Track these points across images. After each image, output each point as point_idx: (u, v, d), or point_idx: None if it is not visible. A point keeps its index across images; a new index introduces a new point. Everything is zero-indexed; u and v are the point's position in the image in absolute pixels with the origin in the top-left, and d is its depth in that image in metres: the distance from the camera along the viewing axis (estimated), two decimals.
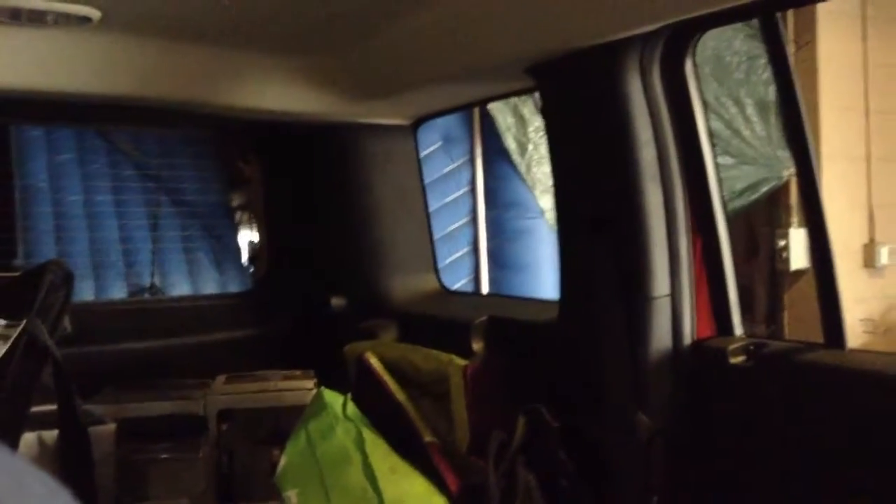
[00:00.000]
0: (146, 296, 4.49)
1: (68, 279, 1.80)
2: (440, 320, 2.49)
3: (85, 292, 4.25)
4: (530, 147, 4.33)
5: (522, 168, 4.31)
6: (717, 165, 1.80)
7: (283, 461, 1.64)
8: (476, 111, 4.31)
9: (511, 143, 4.30)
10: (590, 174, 1.86)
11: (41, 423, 1.74)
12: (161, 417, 2.12)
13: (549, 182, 4.38)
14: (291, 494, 1.57)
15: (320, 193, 2.79)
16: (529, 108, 4.33)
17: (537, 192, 4.34)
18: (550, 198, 4.32)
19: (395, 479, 1.58)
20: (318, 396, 1.76)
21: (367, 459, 1.58)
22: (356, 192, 2.70)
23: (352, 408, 1.73)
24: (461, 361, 1.86)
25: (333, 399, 1.74)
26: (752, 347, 1.68)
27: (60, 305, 1.78)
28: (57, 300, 1.78)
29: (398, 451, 1.70)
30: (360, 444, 1.61)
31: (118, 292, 4.51)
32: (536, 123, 4.33)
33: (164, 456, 2.05)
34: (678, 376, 1.73)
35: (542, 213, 4.37)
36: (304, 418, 1.72)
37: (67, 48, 1.90)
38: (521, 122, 4.34)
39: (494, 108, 4.28)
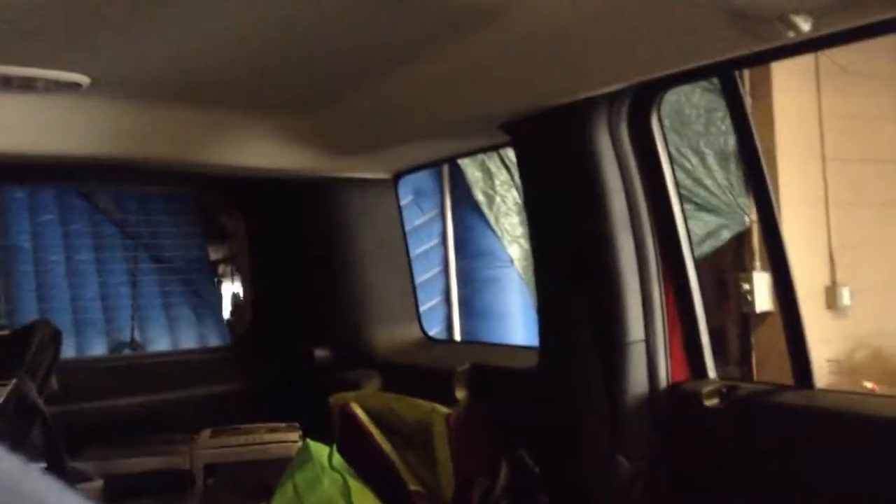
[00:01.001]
0: (127, 351, 4.49)
1: (56, 338, 1.83)
2: (423, 369, 2.53)
3: (67, 349, 4.24)
4: (498, 199, 4.46)
5: (491, 219, 4.44)
6: (684, 214, 1.88)
7: None
8: (445, 165, 4.44)
9: (480, 196, 4.43)
10: (564, 225, 1.93)
11: None
12: (147, 473, 2.13)
13: (516, 232, 4.52)
14: None
15: (303, 247, 2.84)
16: (495, 163, 4.49)
17: (506, 242, 4.47)
18: (518, 247, 4.45)
19: None
20: (304, 448, 1.79)
21: None
22: (339, 245, 2.75)
23: (337, 458, 1.76)
24: (444, 410, 1.90)
25: (319, 450, 1.76)
26: (725, 390, 1.74)
27: (49, 364, 1.81)
28: (45, 359, 1.80)
29: (384, 500, 1.73)
30: (346, 494, 1.64)
31: (99, 349, 4.51)
32: (503, 177, 4.49)
33: None
34: (655, 419, 1.78)
35: (510, 261, 4.49)
36: (290, 470, 1.74)
37: (56, 113, 1.95)
38: (489, 175, 4.49)
39: (464, 162, 4.42)
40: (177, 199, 4.97)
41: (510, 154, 4.50)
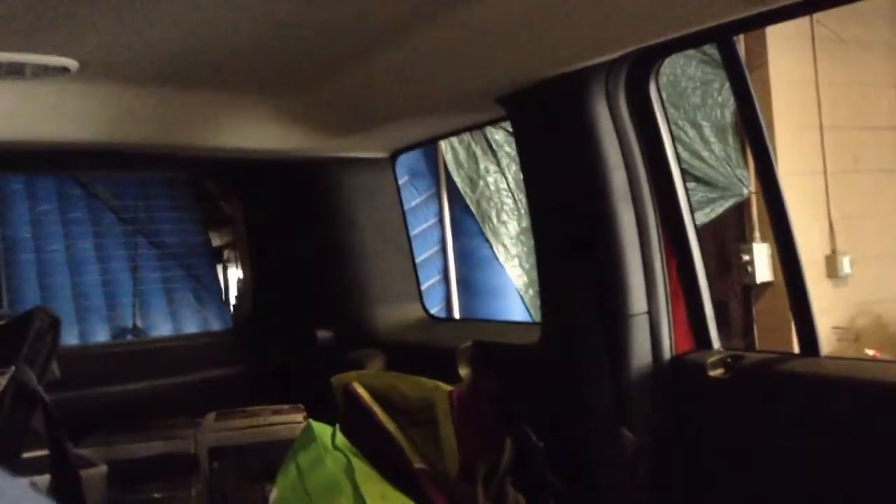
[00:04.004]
0: (129, 337, 4.50)
1: (55, 325, 1.81)
2: (426, 348, 2.52)
3: (69, 337, 4.27)
4: (482, 183, 4.45)
5: (473, 204, 4.43)
6: (685, 184, 1.86)
7: (273, 494, 1.65)
8: (440, 145, 4.42)
9: (459, 180, 4.42)
10: (563, 198, 1.91)
11: (33, 468, 1.75)
12: (152, 458, 2.12)
13: (501, 217, 4.48)
14: None
15: (302, 228, 2.82)
16: (482, 146, 4.47)
17: (487, 229, 4.45)
18: (499, 234, 4.43)
19: None
20: (307, 428, 1.78)
21: (358, 488, 1.59)
22: (338, 225, 2.74)
23: (340, 438, 1.75)
24: (447, 387, 1.89)
25: (322, 430, 1.76)
26: (729, 360, 1.73)
27: (48, 351, 1.80)
28: (44, 346, 1.79)
29: (388, 479, 1.72)
30: (349, 473, 1.63)
31: (101, 335, 4.52)
32: (486, 163, 4.48)
33: (157, 496, 2.06)
34: (659, 391, 1.77)
35: (491, 246, 4.49)
36: (293, 451, 1.73)
37: (46, 99, 1.93)
38: (474, 159, 4.47)
39: (443, 147, 4.41)
40: (175, 185, 4.96)
41: (496, 136, 4.48)
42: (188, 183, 4.80)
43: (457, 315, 4.48)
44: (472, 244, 4.51)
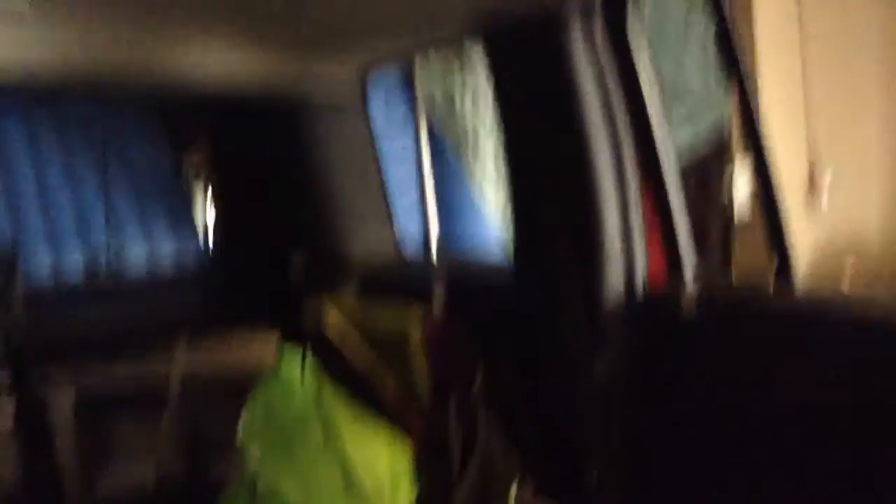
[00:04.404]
0: (102, 263, 4.43)
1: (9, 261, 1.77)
2: (400, 275, 2.50)
3: (42, 269, 4.20)
4: (457, 101, 4.34)
5: (447, 124, 4.32)
6: (664, 116, 1.81)
7: (244, 422, 1.64)
8: (415, 62, 4.26)
9: (432, 97, 4.29)
10: (537, 133, 1.85)
11: None
12: (123, 383, 2.10)
13: (475, 139, 4.37)
14: (254, 454, 1.58)
15: (270, 159, 2.75)
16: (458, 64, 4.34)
17: (462, 149, 4.35)
18: (478, 154, 4.34)
19: (356, 434, 1.60)
20: (277, 357, 1.76)
21: (328, 416, 1.59)
22: (307, 152, 2.67)
23: (311, 368, 1.74)
24: (420, 316, 1.87)
25: (292, 357, 1.74)
26: (704, 297, 1.70)
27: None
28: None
29: (360, 405, 1.71)
30: (319, 401, 1.62)
31: (75, 264, 4.45)
32: (461, 80, 4.35)
33: (127, 422, 2.05)
34: (632, 326, 1.75)
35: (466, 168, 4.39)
36: (262, 379, 1.72)
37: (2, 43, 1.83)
38: (448, 75, 4.34)
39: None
40: (146, 115, 4.82)
41: (471, 59, 4.34)
42: (160, 112, 4.66)
43: (434, 241, 4.42)
44: (449, 166, 4.42)
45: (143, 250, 4.63)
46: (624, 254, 1.78)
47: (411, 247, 2.94)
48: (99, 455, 1.99)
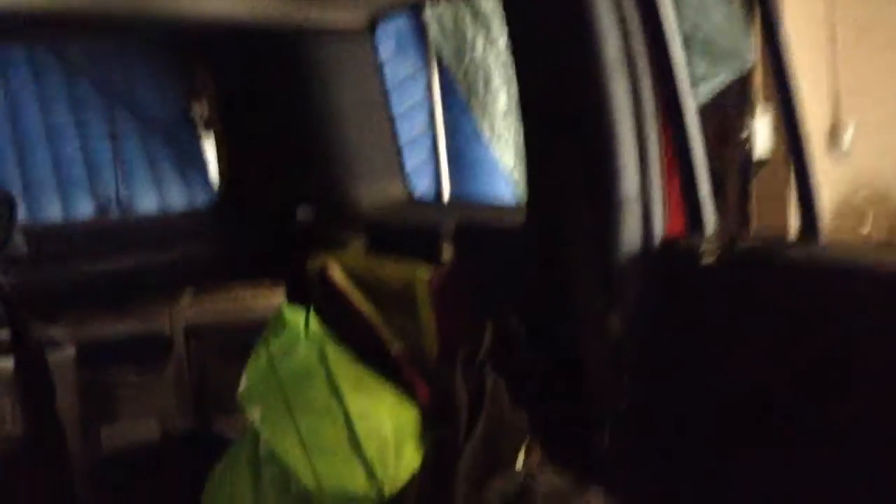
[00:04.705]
0: (113, 210, 4.39)
1: (7, 203, 1.71)
2: (409, 228, 2.43)
3: (51, 211, 4.17)
4: (468, 55, 4.18)
5: (459, 78, 4.18)
6: (685, 57, 1.71)
7: (245, 380, 1.60)
8: (427, 11, 4.13)
9: (445, 51, 4.15)
10: (553, 71, 1.77)
11: None
12: (125, 338, 2.07)
13: (487, 93, 4.24)
14: (255, 413, 1.54)
15: (276, 103, 2.67)
16: (471, 14, 4.18)
17: (473, 103, 4.22)
18: (490, 108, 4.21)
19: (360, 392, 1.55)
20: (279, 314, 1.71)
21: (331, 374, 1.54)
22: (314, 101, 2.58)
23: (314, 323, 1.68)
24: (426, 271, 1.81)
25: (295, 315, 1.68)
26: (724, 246, 1.64)
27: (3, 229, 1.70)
28: None
29: (365, 363, 1.67)
30: (323, 359, 1.57)
31: (85, 209, 4.41)
32: (475, 32, 4.19)
33: (130, 377, 2.02)
34: (649, 278, 1.69)
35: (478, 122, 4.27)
36: (263, 337, 1.67)
37: None
38: (461, 27, 4.19)
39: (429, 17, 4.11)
40: (152, 54, 4.72)
41: (484, 7, 4.19)
42: (165, 52, 4.56)
43: (447, 195, 4.34)
44: (464, 117, 4.31)
45: (152, 198, 4.59)
46: (641, 202, 1.70)
47: (420, 199, 2.87)
48: (101, 411, 1.97)
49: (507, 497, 1.39)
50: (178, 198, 4.56)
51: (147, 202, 4.54)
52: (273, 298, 2.28)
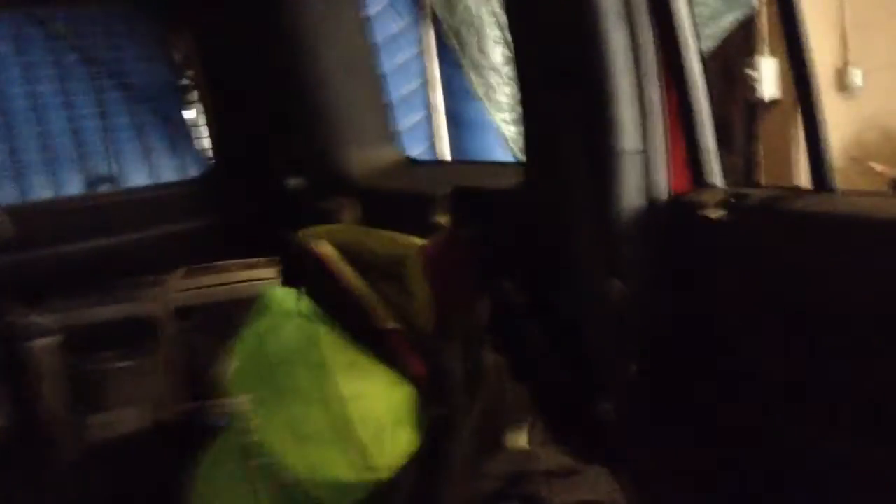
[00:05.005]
0: (103, 186, 4.31)
1: None
2: (404, 193, 2.34)
3: (40, 188, 4.09)
4: (461, 7, 4.01)
5: (452, 31, 4.02)
6: (690, 8, 1.60)
7: (230, 366, 1.52)
8: None
9: (437, 3, 3.99)
10: (548, 20, 1.67)
11: None
12: (113, 323, 2.00)
13: (480, 47, 4.08)
14: (243, 400, 1.47)
15: (263, 68, 2.56)
16: None
17: (466, 58, 4.06)
18: (483, 63, 4.06)
19: (353, 374, 1.48)
20: (267, 293, 1.63)
21: (322, 356, 1.47)
22: (300, 63, 2.47)
23: (304, 302, 1.60)
24: (419, 242, 1.72)
25: (284, 294, 1.61)
26: (732, 199, 1.55)
27: None
28: None
29: (358, 342, 1.59)
30: (313, 340, 1.49)
31: (75, 186, 4.33)
32: None
33: (118, 363, 1.95)
34: (653, 236, 1.60)
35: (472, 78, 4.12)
36: (252, 316, 1.59)
37: None
38: None
39: None
40: (139, 21, 4.59)
41: None
42: (148, 18, 4.42)
43: (447, 156, 4.21)
44: (456, 75, 4.16)
45: (143, 172, 4.50)
46: (643, 156, 1.61)
47: (415, 160, 2.77)
48: (89, 399, 1.91)
49: (507, 478, 1.32)
50: (169, 171, 4.47)
51: (138, 176, 4.46)
52: (267, 275, 2.20)
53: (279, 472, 1.40)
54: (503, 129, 4.05)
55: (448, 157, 4.21)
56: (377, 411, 1.44)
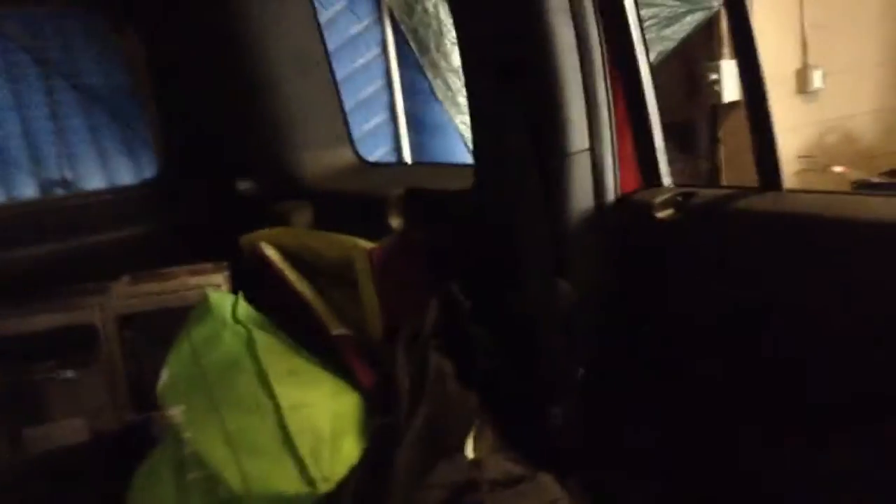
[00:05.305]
0: (58, 191, 4.21)
1: None
2: (358, 196, 2.30)
3: None
4: (419, 8, 3.97)
5: (410, 33, 3.98)
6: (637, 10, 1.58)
7: (164, 376, 1.47)
8: None
9: (395, 5, 3.95)
10: (493, 16, 1.63)
11: None
12: (51, 331, 1.92)
13: (438, 49, 4.04)
14: (176, 412, 1.42)
15: (212, 68, 2.49)
16: None
17: (425, 59, 4.03)
18: (442, 64, 4.02)
19: (293, 382, 1.43)
20: (203, 300, 1.57)
21: (261, 365, 1.42)
22: (249, 62, 2.42)
23: (243, 309, 1.55)
24: (366, 245, 1.67)
25: (220, 301, 1.55)
26: (680, 198, 1.53)
27: None
28: None
29: (303, 349, 1.54)
30: (250, 347, 1.44)
31: (28, 191, 4.22)
32: None
33: (56, 374, 1.88)
34: (602, 237, 1.58)
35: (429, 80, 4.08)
36: (186, 326, 1.53)
37: None
38: None
39: None
40: (91, 21, 4.48)
41: None
42: (101, 15, 4.32)
43: (408, 158, 4.16)
44: (419, 77, 4.12)
45: (98, 177, 4.40)
46: (591, 156, 1.59)
47: (369, 163, 2.72)
48: (25, 412, 1.84)
49: (452, 487, 1.28)
50: (125, 176, 4.37)
51: (92, 182, 4.35)
52: (216, 280, 2.14)
53: (216, 485, 1.35)
54: (463, 131, 4.02)
55: (410, 159, 4.17)
56: (318, 421, 1.39)
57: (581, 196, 1.58)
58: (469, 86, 1.78)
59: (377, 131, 4.09)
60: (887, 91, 5.30)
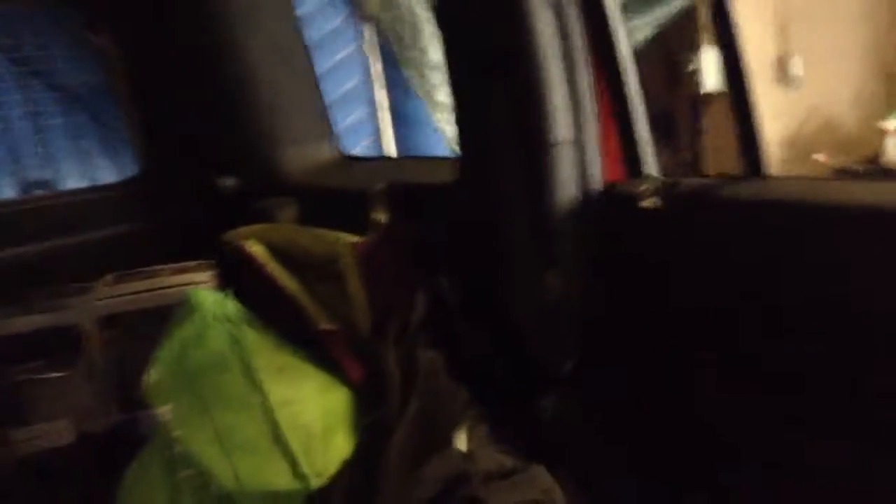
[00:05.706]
0: (38, 192, 4.16)
1: None
2: (340, 191, 2.29)
3: None
4: (394, 8, 3.95)
5: (387, 28, 3.95)
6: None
7: (151, 375, 1.46)
8: None
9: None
10: (475, 9, 1.63)
11: None
12: (34, 332, 1.90)
13: (417, 44, 4.01)
14: (164, 412, 1.41)
15: (189, 64, 2.47)
16: None
17: (403, 55, 4.00)
18: (420, 60, 4.00)
19: (283, 379, 1.42)
20: (189, 298, 1.56)
21: (248, 362, 1.41)
22: (227, 57, 2.40)
23: (230, 306, 1.54)
24: (351, 238, 1.67)
25: (206, 299, 1.54)
26: (664, 187, 1.54)
27: None
28: None
29: (290, 346, 1.53)
30: (238, 346, 1.44)
31: (7, 191, 4.18)
32: None
33: (39, 375, 1.86)
34: (587, 228, 1.58)
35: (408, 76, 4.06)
36: (173, 324, 1.52)
37: None
38: None
39: None
40: (66, 18, 4.43)
41: None
42: (76, 12, 4.27)
43: (392, 153, 4.14)
44: (399, 72, 4.11)
45: (81, 172, 4.36)
46: (575, 146, 1.58)
47: (352, 157, 2.71)
48: (9, 414, 1.82)
49: (444, 480, 1.28)
50: (105, 175, 4.34)
51: (73, 181, 4.32)
52: (201, 279, 2.12)
53: (207, 483, 1.34)
54: (443, 127, 4.00)
55: (394, 154, 4.15)
56: (308, 417, 1.39)
57: (566, 186, 1.58)
58: (452, 78, 1.78)
59: (357, 126, 4.08)
60: (868, 78, 5.33)
